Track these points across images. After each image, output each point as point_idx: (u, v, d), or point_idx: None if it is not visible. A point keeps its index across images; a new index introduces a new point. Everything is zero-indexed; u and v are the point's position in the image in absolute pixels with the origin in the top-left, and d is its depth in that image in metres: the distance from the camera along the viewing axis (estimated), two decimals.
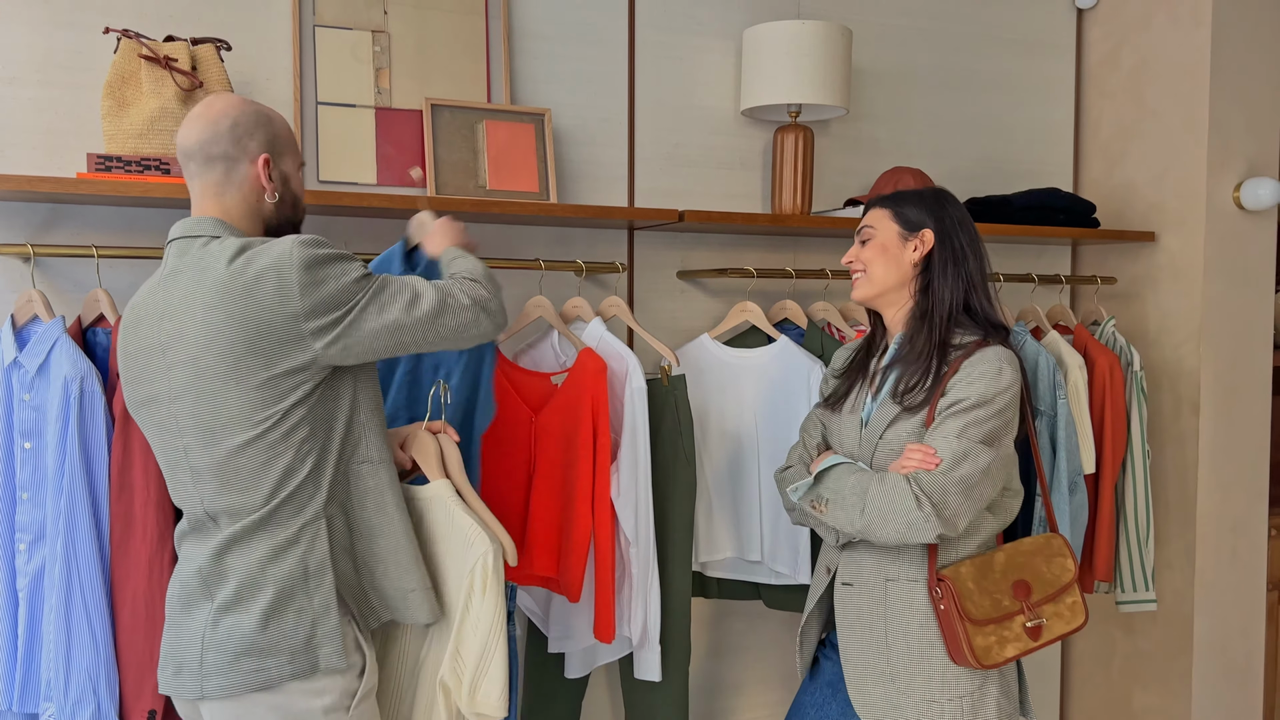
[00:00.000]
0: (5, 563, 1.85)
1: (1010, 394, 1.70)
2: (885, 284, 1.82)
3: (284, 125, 1.65)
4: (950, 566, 1.70)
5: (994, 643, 1.67)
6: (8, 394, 1.84)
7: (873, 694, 1.75)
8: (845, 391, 1.89)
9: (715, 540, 2.36)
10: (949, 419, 1.68)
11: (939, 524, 1.63)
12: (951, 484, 1.63)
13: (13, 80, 2.02)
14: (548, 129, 2.35)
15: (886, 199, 1.88)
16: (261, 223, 1.62)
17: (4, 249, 1.89)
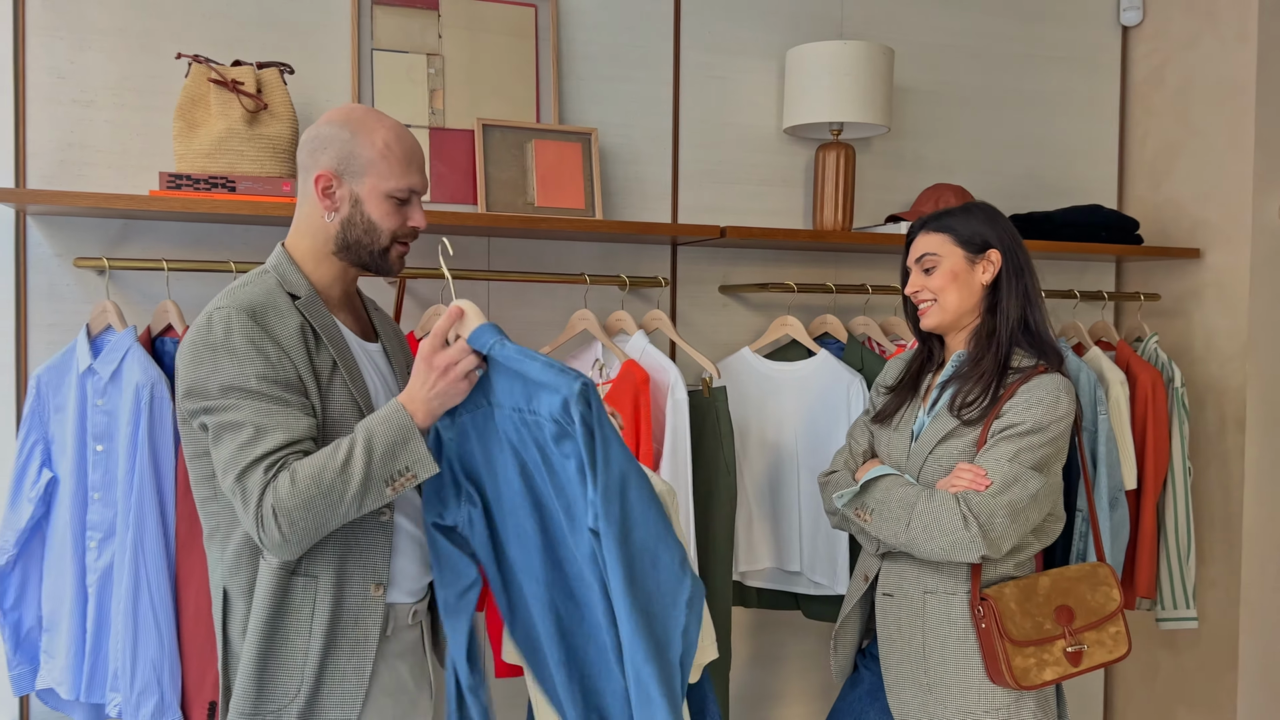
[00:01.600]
0: (76, 560, 1.95)
1: (1065, 423, 1.72)
2: (959, 311, 1.83)
3: (379, 143, 1.53)
4: (994, 586, 1.73)
5: (1033, 665, 1.69)
6: (81, 399, 1.95)
7: (910, 703, 1.78)
8: (895, 408, 1.92)
9: (755, 550, 2.41)
10: (1002, 442, 1.71)
11: (984, 545, 1.66)
12: (1000, 507, 1.66)
13: (90, 104, 2.14)
14: (594, 148, 2.42)
15: (937, 222, 1.86)
16: (326, 241, 1.56)
17: (81, 262, 2.00)
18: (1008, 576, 1.77)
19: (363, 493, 1.41)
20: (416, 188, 1.58)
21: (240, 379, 1.42)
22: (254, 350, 1.43)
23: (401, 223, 1.57)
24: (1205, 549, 2.81)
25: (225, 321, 1.44)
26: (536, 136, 2.38)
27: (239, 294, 1.48)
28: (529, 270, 2.41)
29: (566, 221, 2.22)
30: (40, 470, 1.99)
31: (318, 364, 1.50)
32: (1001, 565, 1.77)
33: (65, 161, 2.12)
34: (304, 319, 1.51)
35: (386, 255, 1.58)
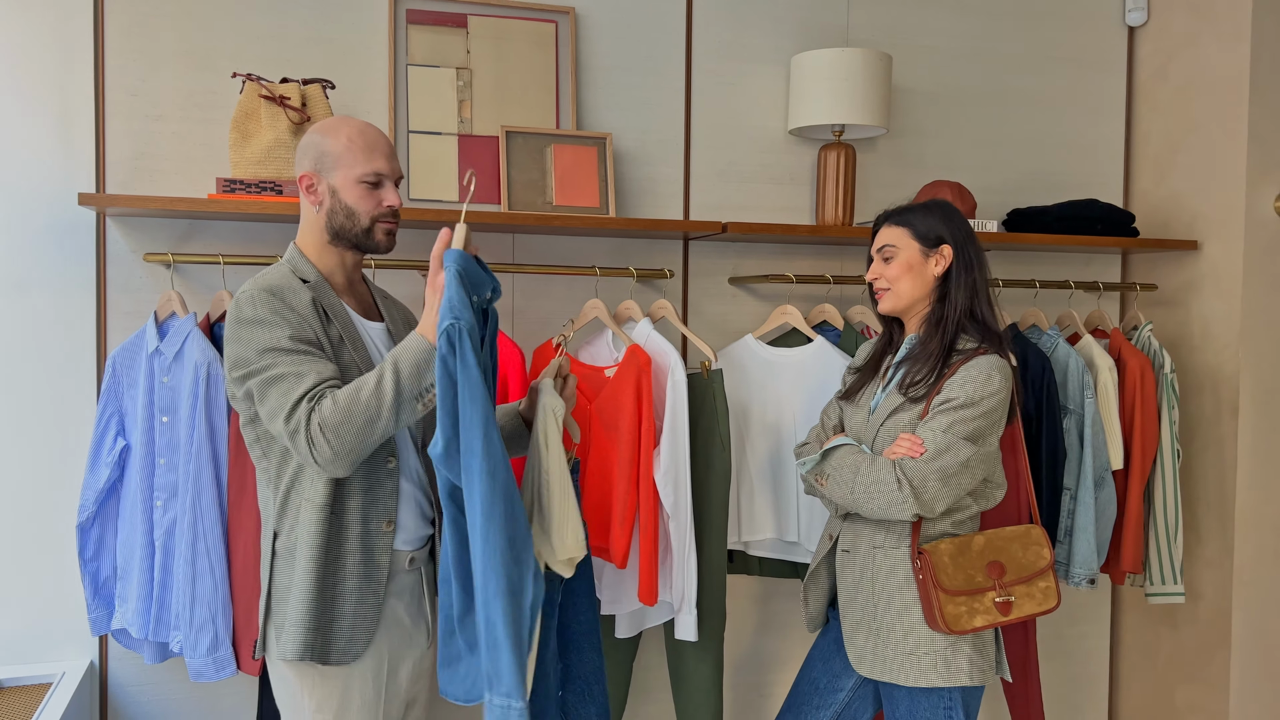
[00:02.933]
0: (145, 517, 2.23)
1: (997, 399, 1.90)
2: (911, 298, 2.04)
3: (343, 139, 1.79)
4: (931, 542, 1.92)
5: (964, 612, 1.88)
6: (150, 376, 2.23)
7: (863, 647, 1.98)
8: (859, 386, 2.11)
9: (757, 521, 2.60)
10: (939, 414, 1.90)
11: (915, 505, 1.85)
12: (931, 472, 1.85)
13: (160, 118, 2.42)
14: (609, 151, 2.64)
15: (899, 216, 2.07)
16: (320, 232, 1.83)
17: (150, 257, 2.29)
18: (946, 534, 1.95)
19: (397, 406, 1.65)
20: (382, 170, 1.81)
21: (273, 341, 1.68)
22: (279, 318, 1.70)
23: (376, 204, 1.81)
24: (1200, 530, 2.92)
25: (251, 300, 1.72)
26: (555, 141, 2.61)
27: (259, 279, 1.77)
28: (549, 264, 2.64)
29: (581, 219, 2.44)
30: (115, 439, 2.28)
31: (329, 334, 1.77)
32: (939, 524, 1.95)
33: (138, 169, 2.41)
34: (313, 295, 1.78)
35: (370, 235, 1.82)
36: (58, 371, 2.38)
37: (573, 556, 1.74)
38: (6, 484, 2.37)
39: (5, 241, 2.35)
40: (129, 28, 2.39)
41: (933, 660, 1.90)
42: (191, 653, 2.15)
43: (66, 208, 2.37)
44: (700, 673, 2.46)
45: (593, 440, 2.41)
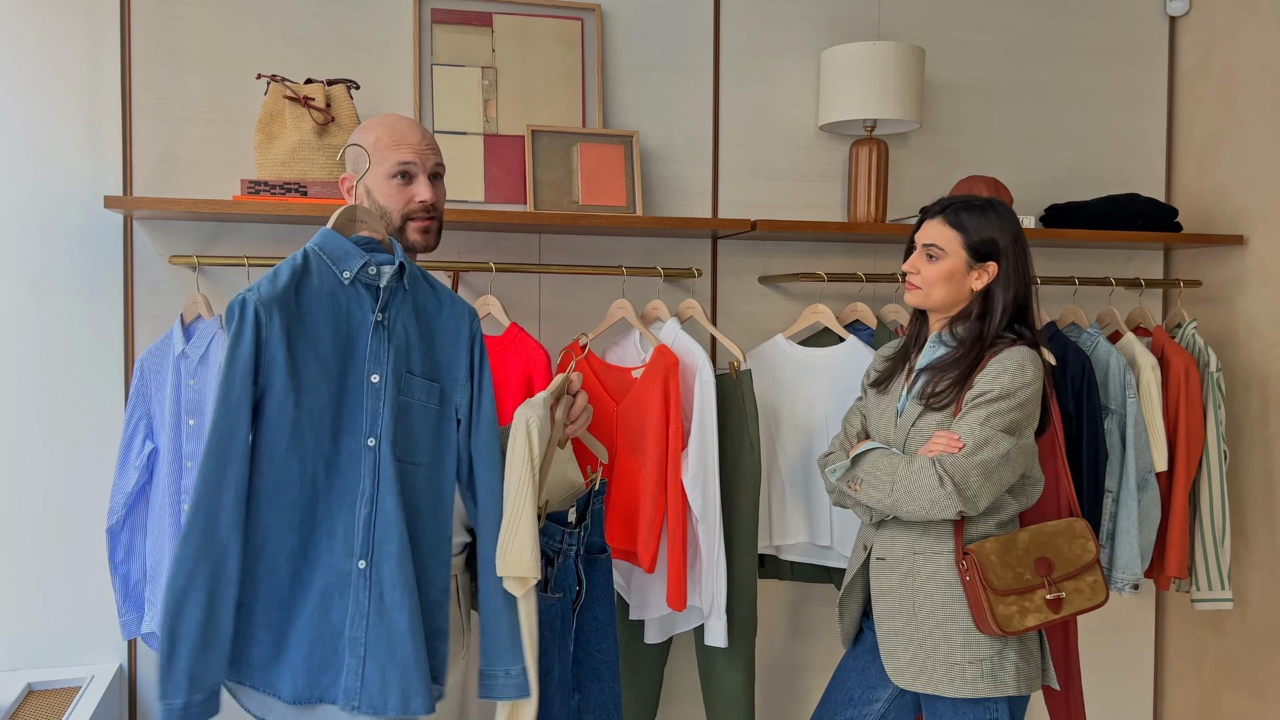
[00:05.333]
0: (173, 521, 2.23)
1: (1031, 389, 1.84)
2: (941, 304, 1.98)
3: (372, 136, 1.73)
4: (976, 542, 1.86)
5: (1015, 612, 1.81)
6: (177, 379, 2.23)
7: (902, 658, 1.91)
8: (889, 375, 2.06)
9: (788, 525, 2.55)
10: (974, 409, 1.84)
11: (960, 501, 1.79)
12: (973, 466, 1.79)
13: (186, 120, 2.42)
14: (636, 149, 2.60)
15: (954, 216, 1.95)
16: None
17: (175, 259, 2.29)
18: (988, 535, 1.89)
19: None
20: (408, 160, 1.73)
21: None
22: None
23: (407, 199, 1.73)
24: (1249, 533, 2.83)
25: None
26: (582, 140, 2.58)
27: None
28: (576, 264, 2.61)
29: (607, 218, 2.40)
30: (144, 442, 2.27)
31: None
32: (983, 525, 1.89)
33: (165, 172, 2.41)
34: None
35: (403, 233, 1.74)
36: (85, 374, 2.39)
37: (513, 575, 1.65)
38: (37, 487, 2.37)
39: (33, 244, 2.35)
40: (155, 31, 2.39)
41: (978, 670, 1.84)
42: None
43: (93, 210, 2.38)
44: (731, 680, 2.41)
45: (619, 443, 2.38)
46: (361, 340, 1.60)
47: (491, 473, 1.70)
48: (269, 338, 1.52)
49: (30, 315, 2.36)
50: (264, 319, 1.52)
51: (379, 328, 1.61)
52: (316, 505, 1.59)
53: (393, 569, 1.58)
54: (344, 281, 1.59)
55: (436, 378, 1.68)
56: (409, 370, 1.64)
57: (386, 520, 1.59)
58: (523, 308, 2.63)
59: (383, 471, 1.60)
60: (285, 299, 1.53)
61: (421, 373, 1.65)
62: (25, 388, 2.36)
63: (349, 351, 1.59)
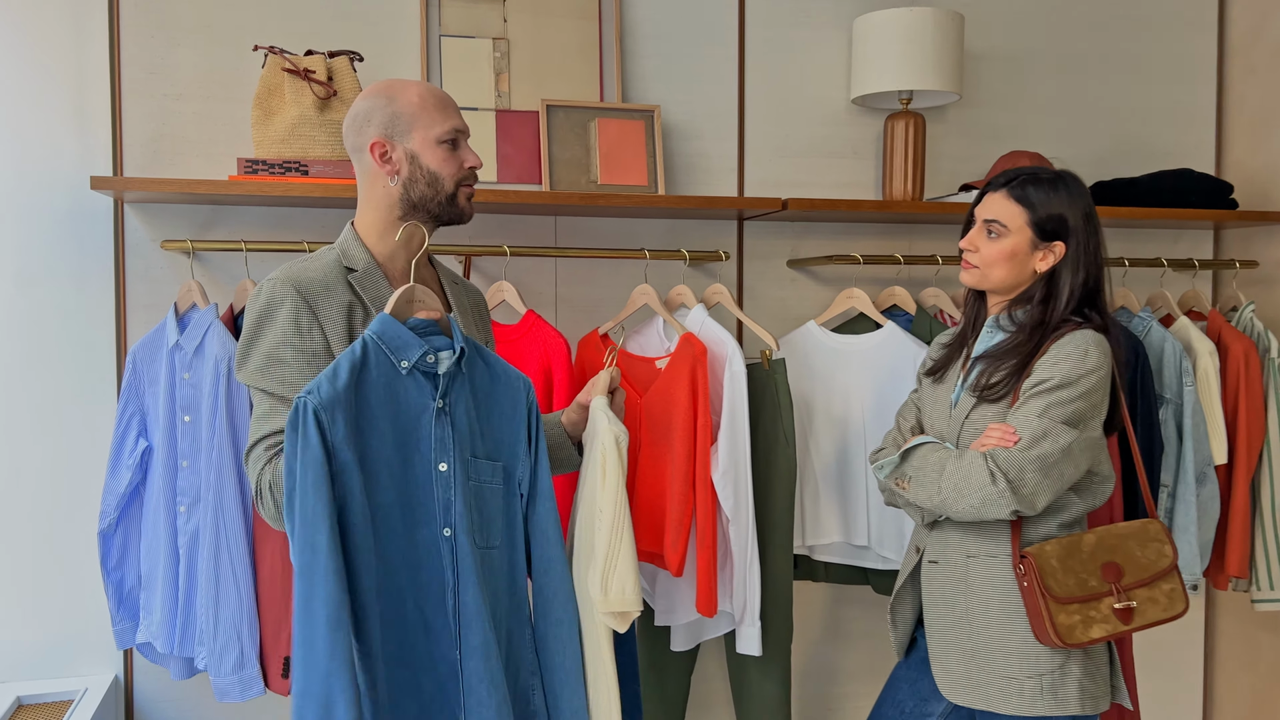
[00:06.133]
0: (168, 523, 2.08)
1: (1096, 377, 1.68)
2: (1000, 285, 1.81)
3: (412, 98, 1.57)
4: (1035, 545, 1.70)
5: (1078, 622, 1.65)
6: (171, 373, 2.08)
7: (954, 670, 1.76)
8: (945, 363, 1.89)
9: (822, 525, 2.40)
10: (1032, 399, 1.68)
11: (1014, 500, 1.63)
12: (1029, 461, 1.63)
13: (180, 97, 2.27)
14: (657, 125, 2.44)
15: (1020, 190, 1.77)
16: (392, 208, 1.59)
17: (168, 245, 2.14)
18: (1051, 538, 1.73)
19: None
20: (461, 128, 1.61)
21: (273, 348, 1.49)
22: (291, 323, 1.49)
23: (459, 165, 1.60)
24: None
25: (270, 292, 1.51)
26: (599, 115, 2.42)
27: (294, 267, 1.55)
28: (594, 247, 2.45)
29: (628, 198, 2.25)
30: (137, 440, 2.13)
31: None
32: (1044, 526, 1.73)
33: (157, 152, 2.26)
34: (355, 296, 1.56)
35: (455, 201, 1.61)
36: (75, 368, 2.24)
37: (617, 610, 1.56)
38: (25, 488, 2.23)
39: (19, 230, 2.21)
40: (145, 1, 2.24)
41: (1037, 685, 1.68)
42: (216, 671, 2.00)
43: (81, 194, 2.23)
44: (766, 689, 2.26)
45: (643, 438, 2.23)
46: (424, 429, 1.49)
47: (555, 547, 1.60)
48: (335, 441, 1.40)
49: (15, 306, 2.21)
50: (327, 422, 1.39)
51: (441, 415, 1.50)
52: (406, 604, 1.48)
53: (477, 664, 1.48)
54: (401, 371, 1.47)
55: (498, 456, 1.58)
56: (473, 454, 1.54)
57: (468, 612, 1.49)
58: (538, 295, 2.48)
59: (461, 562, 1.49)
60: (346, 398, 1.41)
61: (484, 454, 1.55)
62: (12, 383, 2.22)
63: (412, 441, 1.49)
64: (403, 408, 1.47)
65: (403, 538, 1.47)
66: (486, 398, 1.57)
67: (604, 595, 1.56)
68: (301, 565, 1.36)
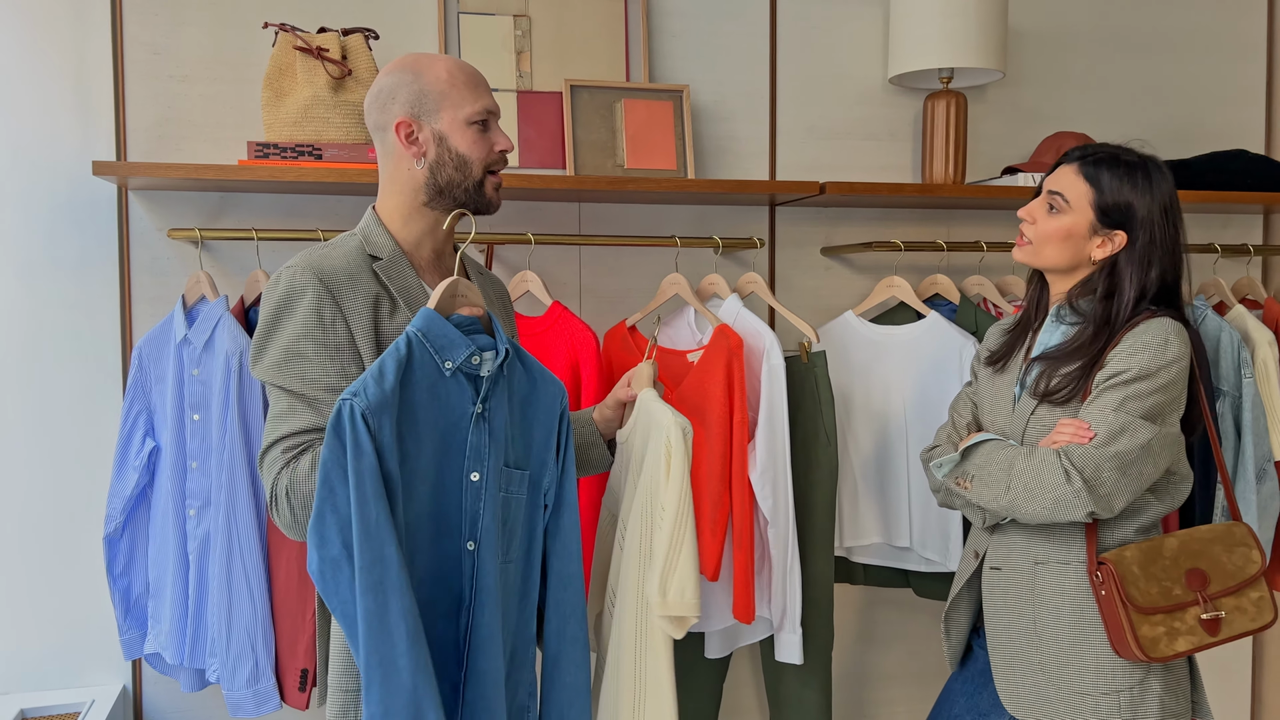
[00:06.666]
0: (177, 528, 1.98)
1: (1177, 368, 1.56)
2: (1051, 265, 1.69)
3: (440, 75, 1.46)
4: (1113, 550, 1.58)
5: (1163, 634, 1.53)
6: (179, 369, 1.97)
7: (1020, 685, 1.64)
8: (1007, 351, 1.76)
9: (861, 525, 2.29)
10: (1107, 392, 1.56)
11: (1090, 500, 1.52)
12: (1106, 459, 1.52)
13: (185, 78, 2.16)
14: (686, 106, 2.33)
15: (1093, 166, 1.64)
16: (416, 193, 1.47)
17: (175, 234, 2.03)
18: (1128, 543, 1.61)
19: None
20: (493, 109, 1.49)
21: (293, 341, 1.37)
22: (313, 315, 1.37)
23: (489, 149, 1.49)
24: None
25: (290, 281, 1.39)
26: (626, 96, 2.30)
27: (314, 254, 1.44)
28: (620, 234, 2.34)
29: (656, 182, 2.13)
30: (144, 439, 2.02)
31: (387, 332, 1.43)
32: (1120, 530, 1.62)
33: (163, 137, 2.15)
34: (381, 286, 1.45)
35: (482, 189, 1.49)
36: (79, 365, 2.14)
37: (676, 615, 1.44)
38: (28, 491, 2.13)
39: (19, 220, 2.10)
40: None
41: (1114, 703, 1.56)
42: (229, 684, 1.89)
43: (83, 181, 2.12)
44: (806, 698, 2.15)
45: None
46: (460, 434, 1.37)
47: (575, 562, 1.49)
48: (383, 448, 1.28)
49: (15, 299, 2.11)
50: (374, 426, 1.27)
51: (480, 421, 1.38)
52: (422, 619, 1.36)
53: (482, 690, 1.37)
54: (445, 372, 1.35)
55: (526, 465, 1.46)
56: (505, 463, 1.42)
57: (480, 634, 1.38)
58: (561, 285, 2.36)
59: (481, 579, 1.38)
60: (392, 400, 1.29)
61: (514, 463, 1.44)
62: (13, 381, 2.12)
63: (446, 447, 1.37)
64: (443, 412, 1.36)
65: (427, 551, 1.36)
66: (522, 402, 1.46)
67: (662, 598, 1.45)
68: (370, 581, 1.25)
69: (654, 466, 1.49)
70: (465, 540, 1.38)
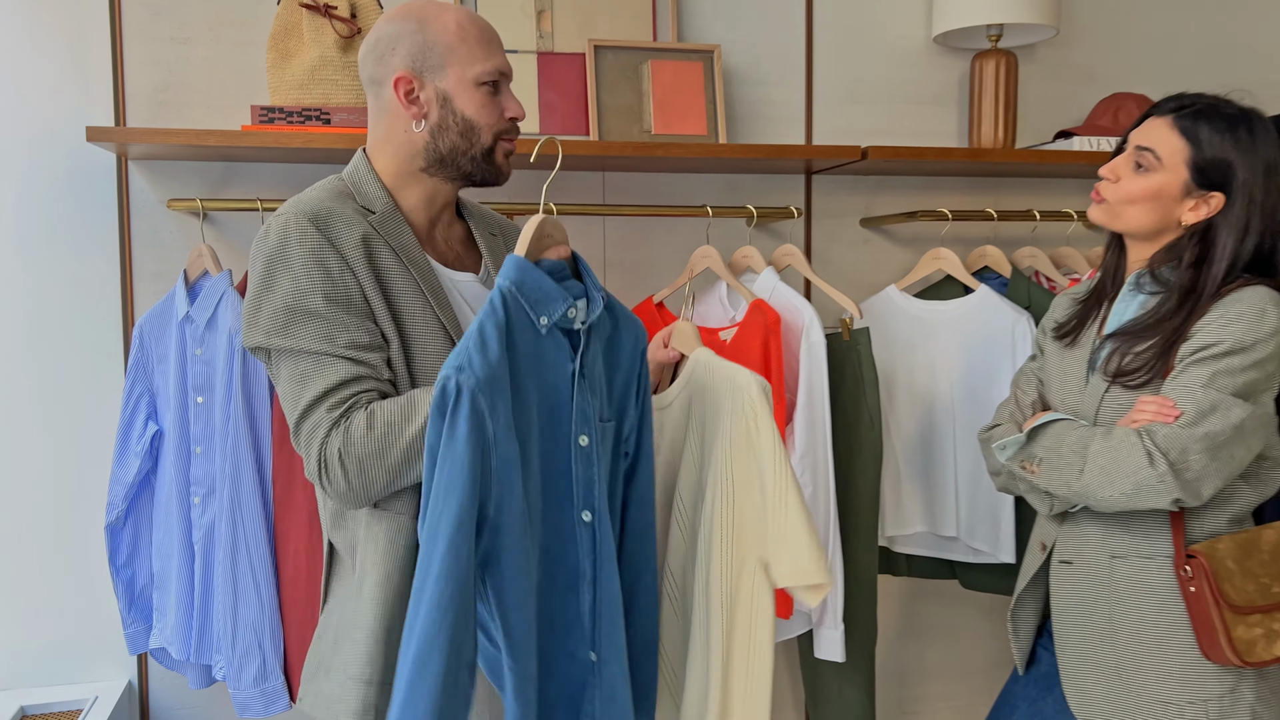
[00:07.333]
0: (182, 516, 1.87)
1: (1275, 343, 1.40)
2: (1132, 229, 1.53)
3: (449, 26, 1.31)
4: (1203, 542, 1.43)
5: (1260, 636, 1.39)
6: (181, 348, 1.86)
7: (1093, 691, 1.50)
8: (1079, 323, 1.61)
9: (904, 513, 2.15)
10: (1193, 366, 1.41)
11: (1176, 486, 1.37)
12: (1194, 440, 1.37)
13: (187, 40, 2.04)
14: (717, 67, 2.18)
15: (1190, 119, 1.48)
16: (413, 158, 1.33)
17: (175, 204, 1.91)
18: (1220, 534, 1.46)
19: None
20: (505, 69, 1.33)
21: (298, 298, 1.22)
22: (315, 264, 1.22)
23: (499, 114, 1.33)
24: None
25: (283, 230, 1.24)
26: (653, 57, 2.16)
27: (304, 200, 1.29)
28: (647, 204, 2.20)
29: (686, 147, 1.99)
30: (146, 423, 1.92)
31: (389, 283, 1.28)
32: (1210, 520, 1.47)
33: (163, 102, 2.03)
34: (373, 230, 1.30)
35: (492, 157, 1.34)
36: (79, 345, 2.03)
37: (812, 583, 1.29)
38: (28, 478, 2.03)
39: (13, 192, 1.99)
40: None
41: (1201, 712, 1.42)
42: (236, 683, 1.79)
43: (80, 150, 2.01)
44: (848, 698, 2.03)
45: None
46: (562, 396, 1.23)
47: (650, 512, 1.37)
48: (497, 432, 1.13)
49: (9, 275, 2.00)
50: (486, 409, 1.12)
51: (580, 379, 1.24)
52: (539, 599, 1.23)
53: (619, 667, 1.25)
54: (541, 330, 1.21)
55: (612, 415, 1.33)
56: (601, 419, 1.29)
57: (613, 607, 1.26)
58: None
59: (601, 549, 1.26)
60: (500, 372, 1.14)
61: (603, 415, 1.31)
62: (9, 362, 2.01)
63: (550, 410, 1.23)
64: (545, 375, 1.21)
65: (539, 523, 1.23)
66: (606, 347, 1.31)
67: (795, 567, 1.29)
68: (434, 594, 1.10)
69: (730, 431, 1.34)
70: (580, 510, 1.24)
